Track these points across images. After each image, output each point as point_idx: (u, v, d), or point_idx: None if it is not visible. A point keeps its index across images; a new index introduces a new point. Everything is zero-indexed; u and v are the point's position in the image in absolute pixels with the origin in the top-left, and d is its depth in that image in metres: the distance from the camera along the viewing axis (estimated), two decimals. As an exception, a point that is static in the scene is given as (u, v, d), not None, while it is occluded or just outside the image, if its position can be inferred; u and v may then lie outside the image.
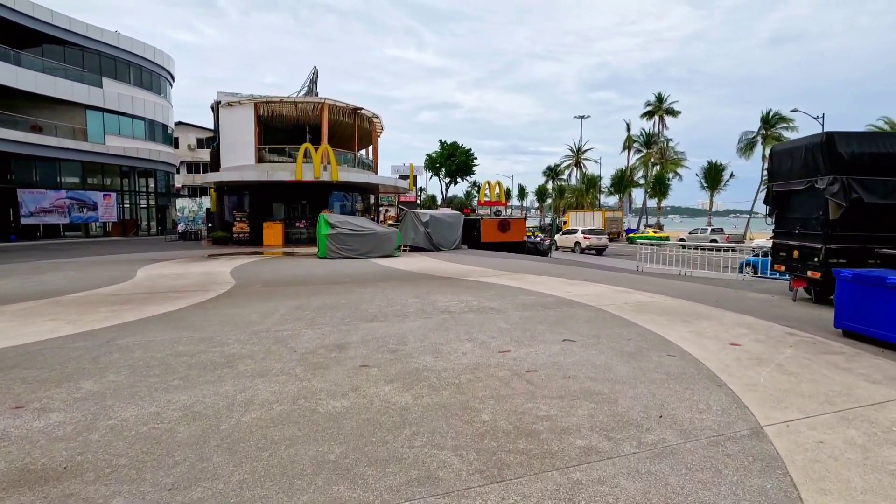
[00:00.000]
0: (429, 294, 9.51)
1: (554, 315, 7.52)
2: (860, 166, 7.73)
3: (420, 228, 20.71)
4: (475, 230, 24.61)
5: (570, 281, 11.52)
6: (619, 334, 6.34)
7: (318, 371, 4.80)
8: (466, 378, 4.60)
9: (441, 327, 6.68)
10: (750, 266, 21.22)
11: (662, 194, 54.46)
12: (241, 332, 6.38)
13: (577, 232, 33.23)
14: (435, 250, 20.91)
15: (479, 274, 12.92)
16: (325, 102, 25.86)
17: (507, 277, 12.14)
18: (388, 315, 7.50)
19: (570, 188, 73.05)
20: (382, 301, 8.73)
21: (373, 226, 18.40)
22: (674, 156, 59.89)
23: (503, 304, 8.39)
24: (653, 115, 61.21)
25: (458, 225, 22.68)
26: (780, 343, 5.96)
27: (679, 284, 11.18)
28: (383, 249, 17.89)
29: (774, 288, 10.68)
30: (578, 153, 75.97)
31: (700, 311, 7.96)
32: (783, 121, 51.69)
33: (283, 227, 24.90)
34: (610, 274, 13.38)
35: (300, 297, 9.13)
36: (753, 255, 21.56)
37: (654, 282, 11.61)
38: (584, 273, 13.28)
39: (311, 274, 12.88)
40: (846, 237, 7.88)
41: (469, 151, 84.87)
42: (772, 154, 9.27)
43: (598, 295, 9.46)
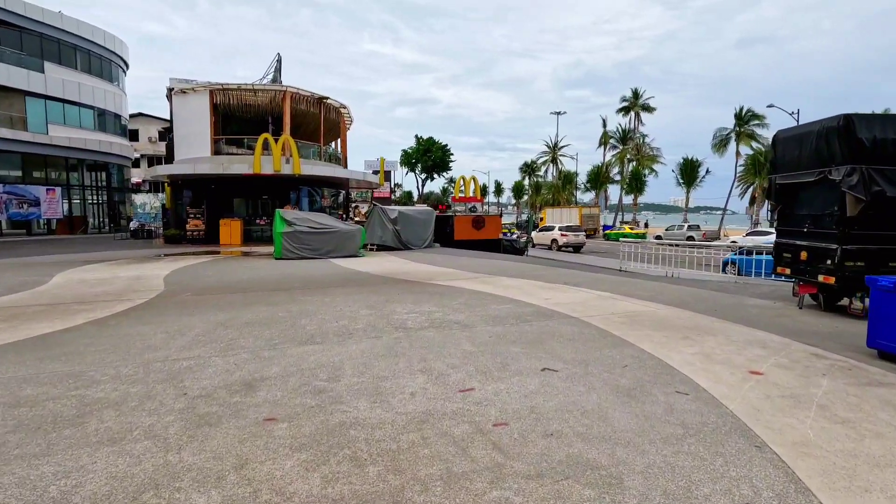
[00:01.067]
0: (386, 304, 8.13)
1: (531, 331, 6.25)
2: (883, 155, 6.69)
3: (388, 226, 19.27)
4: (448, 227, 23.29)
5: (549, 285, 10.30)
6: (612, 359, 5.09)
7: (200, 430, 3.40)
8: (409, 440, 3.27)
9: (391, 352, 5.32)
10: (733, 265, 20.50)
11: (639, 190, 54.17)
12: (127, 363, 4.89)
13: (553, 229, 32.26)
14: (404, 249, 19.51)
15: (449, 277, 11.59)
16: (286, 91, 24.10)
17: (479, 281, 10.85)
18: (328, 334, 6.10)
19: (546, 184, 72.42)
20: (328, 313, 7.31)
21: (335, 223, 16.89)
22: (649, 152, 59.72)
23: (471, 317, 7.08)
24: (628, 111, 60.88)
25: (430, 222, 21.32)
26: (808, 369, 4.81)
27: (668, 288, 10.08)
28: (346, 249, 16.40)
29: (772, 292, 9.67)
30: (555, 149, 75.38)
31: (701, 323, 6.80)
32: (756, 118, 51.90)
33: (241, 225, 23.11)
34: (591, 275, 12.23)
35: (232, 309, 7.64)
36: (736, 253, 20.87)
37: (641, 285, 10.49)
38: (564, 275, 12.10)
39: (259, 278, 11.34)
40: (864, 237, 6.83)
41: (445, 147, 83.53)
42: (776, 141, 8.19)
43: (580, 303, 8.25)
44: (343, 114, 29.49)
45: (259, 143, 21.51)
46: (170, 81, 25.26)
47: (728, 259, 20.78)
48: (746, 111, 52.18)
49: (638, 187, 53.76)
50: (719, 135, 53.77)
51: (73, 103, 31.55)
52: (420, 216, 20.82)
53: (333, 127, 30.42)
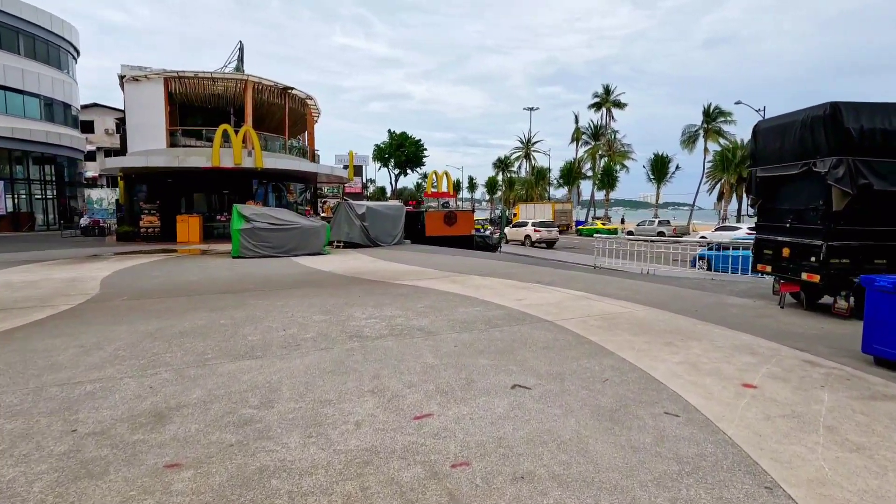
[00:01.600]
0: (344, 307, 7.41)
1: (501, 339, 5.64)
2: (871, 145, 6.33)
3: (355, 222, 18.44)
4: (419, 224, 22.58)
5: (522, 284, 9.75)
6: (590, 371, 4.52)
7: (75, 486, 2.64)
8: (344, 492, 2.60)
9: (340, 367, 4.63)
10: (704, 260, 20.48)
11: (610, 186, 54.54)
12: (16, 389, 4.06)
13: (527, 225, 31.95)
14: (373, 246, 18.72)
15: (416, 276, 10.92)
16: (248, 80, 22.89)
17: (449, 280, 10.22)
18: (271, 345, 5.36)
19: (519, 180, 72.40)
20: (277, 320, 6.55)
21: (297, 219, 15.97)
22: (621, 148, 60.24)
23: (437, 322, 6.43)
24: (600, 107, 61.23)
25: (400, 218, 20.57)
26: (804, 380, 4.35)
27: (645, 287, 9.66)
28: (310, 246, 15.52)
29: (750, 289, 9.35)
30: (528, 145, 75.40)
31: (682, 325, 6.33)
32: (723, 115, 52.84)
33: (200, 221, 21.86)
34: (565, 273, 11.75)
35: (168, 316, 6.79)
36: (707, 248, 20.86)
37: (616, 283, 10.05)
38: (537, 273, 11.58)
39: (209, 279, 10.42)
40: (851, 233, 6.48)
41: (419, 142, 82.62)
42: (756, 132, 7.80)
43: (555, 304, 7.70)
44: (310, 105, 28.37)
45: (218, 135, 20.31)
46: (121, 68, 23.63)
47: (699, 254, 20.77)
48: (714, 108, 53.06)
49: (610, 183, 54.12)
50: (688, 131, 54.59)
51: (16, 91, 29.44)
52: (389, 212, 20.05)
53: (300, 119, 29.27)
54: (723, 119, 53.04)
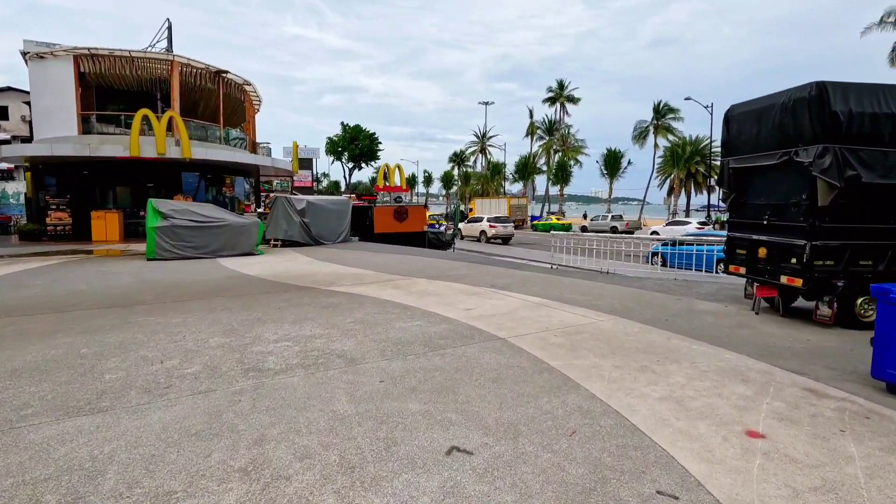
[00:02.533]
0: (255, 325, 6.05)
1: (442, 368, 4.49)
2: (858, 132, 5.60)
3: (294, 218, 16.82)
4: (367, 220, 21.17)
5: (473, 288, 8.66)
6: (552, 417, 3.45)
7: None
8: None
9: (213, 425, 3.33)
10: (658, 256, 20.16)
11: (565, 181, 54.73)
12: None
13: (482, 220, 31.10)
14: (315, 244, 17.18)
15: (355, 280, 9.62)
16: (174, 61, 20.63)
17: (391, 285, 8.99)
18: (132, 388, 3.98)
19: (475, 175, 71.86)
20: (160, 346, 5.13)
21: (225, 215, 14.22)
22: (574, 143, 60.66)
23: (364, 345, 5.21)
24: (554, 101, 61.42)
25: (346, 213, 19.08)
26: (818, 422, 3.44)
27: (606, 289, 8.78)
28: (240, 246, 13.85)
29: (718, 291, 8.65)
30: (483, 139, 74.90)
31: (655, 341, 5.40)
32: (672, 111, 54.07)
33: (120, 218, 19.56)
34: (521, 274, 10.77)
35: (16, 343, 5.22)
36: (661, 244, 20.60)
37: (576, 286, 9.14)
38: (491, 274, 10.53)
39: (102, 288, 8.72)
40: (836, 231, 5.74)
41: (373, 135, 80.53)
42: (729, 117, 6.99)
43: (509, 314, 6.64)
44: (248, 92, 26.24)
45: (136, 121, 18.09)
46: (24, 44, 20.78)
47: (653, 250, 20.46)
48: (663, 105, 54.19)
49: (564, 178, 54.29)
50: (639, 127, 55.56)
51: None
52: (333, 207, 18.52)
53: (238, 107, 27.05)
54: (672, 116, 54.29)
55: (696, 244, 18.58)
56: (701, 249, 19.43)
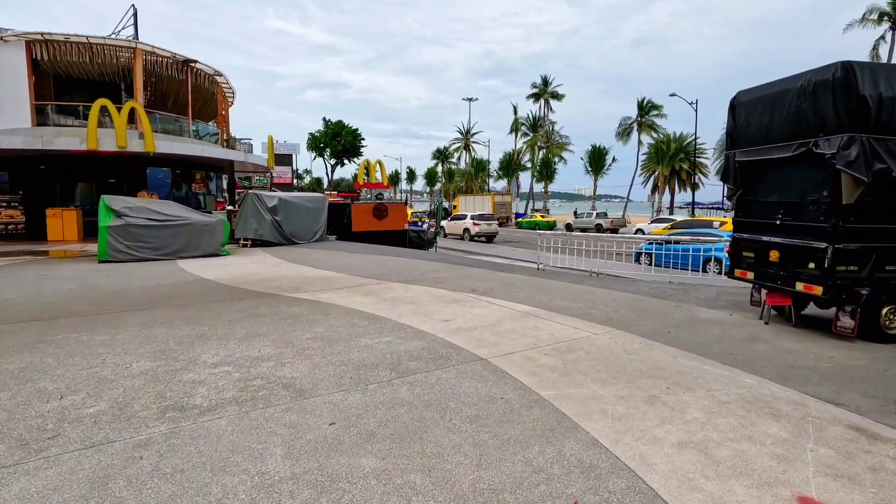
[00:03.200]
0: (194, 343, 5.15)
1: (409, 401, 3.67)
2: (888, 120, 4.92)
3: (265, 216, 15.80)
4: (345, 217, 20.23)
5: (453, 294, 7.85)
6: (547, 479, 2.65)
7: None
8: None
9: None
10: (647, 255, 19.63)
11: (549, 178, 54.25)
12: None
13: (466, 218, 30.35)
14: (288, 244, 16.20)
15: (324, 284, 8.74)
16: (136, 48, 19.35)
17: (362, 291, 8.14)
18: (6, 437, 3.07)
19: (459, 172, 71.09)
20: (68, 374, 4.21)
21: (187, 213, 13.14)
22: (559, 139, 60.23)
23: (320, 369, 4.36)
24: (538, 97, 60.85)
25: (321, 211, 18.12)
26: (881, 477, 2.71)
27: (599, 294, 8.05)
28: (203, 246, 12.83)
29: (718, 296, 7.99)
30: (467, 136, 74.12)
31: (660, 361, 4.66)
32: (655, 108, 53.94)
33: (79, 216, 18.25)
34: (505, 276, 10.00)
35: None
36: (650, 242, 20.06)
37: (565, 290, 8.40)
38: (473, 276, 9.74)
39: (33, 296, 7.69)
40: (861, 232, 5.07)
41: (356, 131, 79.24)
42: (735, 105, 6.28)
43: (492, 326, 5.85)
44: (220, 84, 25.00)
45: (94, 112, 16.83)
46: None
47: (641, 249, 19.94)
48: (647, 102, 54.01)
49: (548, 175, 53.81)
50: (624, 124, 55.33)
51: None
52: (308, 204, 17.53)
53: (209, 100, 25.79)
54: (655, 113, 54.15)
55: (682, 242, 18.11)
56: (689, 248, 18.88)
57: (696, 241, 17.79)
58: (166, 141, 18.91)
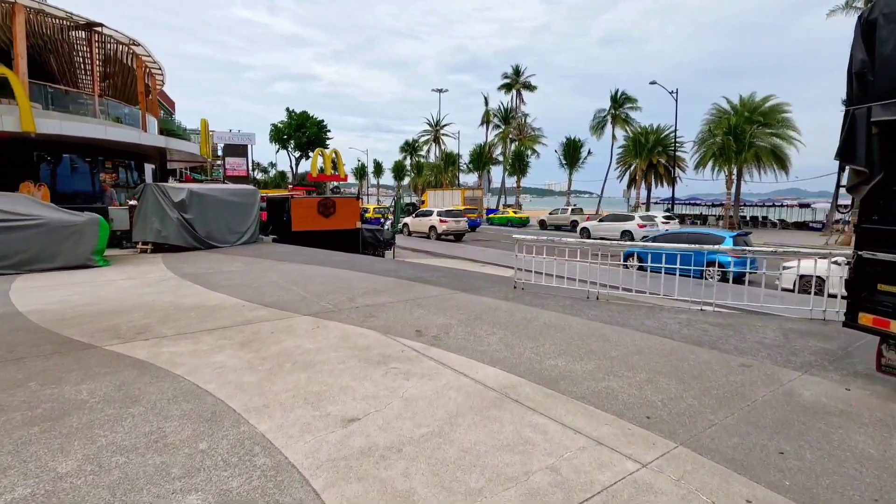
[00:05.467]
0: None
1: None
2: None
3: (170, 213, 12.44)
4: (285, 214, 16.97)
5: (383, 343, 4.91)
6: None
7: None
8: None
9: None
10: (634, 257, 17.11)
11: (522, 172, 51.79)
12: None
13: (432, 214, 27.39)
14: (203, 248, 12.90)
15: (192, 322, 5.65)
16: (16, 3, 15.50)
17: (242, 337, 5.09)
18: None
19: (428, 165, 68.00)
20: None
21: (40, 211, 9.66)
22: (531, 132, 57.88)
23: None
24: (510, 88, 58.30)
25: (251, 207, 14.84)
26: None
27: (611, 338, 5.24)
28: (64, 255, 9.47)
29: (782, 340, 5.27)
30: (437, 128, 71.06)
31: None
32: (629, 101, 52.13)
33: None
34: (470, 301, 7.11)
35: None
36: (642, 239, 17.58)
37: (558, 326, 5.57)
38: (425, 302, 6.82)
39: None
40: None
41: (321, 122, 75.24)
42: (878, 19, 3.52)
43: (436, 438, 2.94)
44: (141, 56, 21.17)
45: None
46: None
47: (628, 251, 17.42)
48: (621, 94, 52.11)
49: (521, 168, 51.33)
50: (598, 117, 53.32)
51: None
52: (232, 198, 14.21)
53: (129, 76, 21.95)
54: (630, 105, 52.32)
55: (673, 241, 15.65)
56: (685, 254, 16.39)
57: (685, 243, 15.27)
58: (50, 119, 15.20)
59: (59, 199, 17.20)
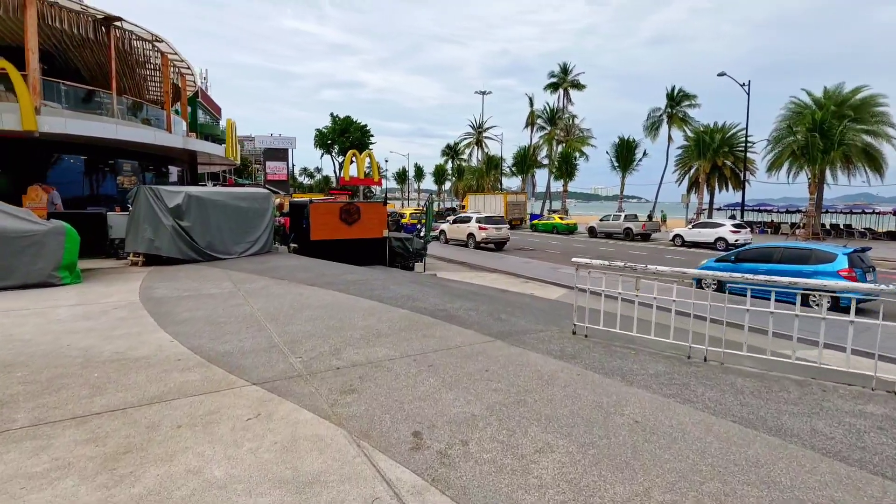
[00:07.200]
0: None
1: None
2: None
3: (164, 221, 10.81)
4: (304, 221, 15.22)
5: (351, 464, 2.73)
6: None
7: None
8: None
9: None
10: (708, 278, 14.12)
11: (569, 175, 48.68)
12: None
13: (471, 220, 25.14)
14: (203, 260, 11.23)
15: (84, 397, 3.69)
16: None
17: (141, 426, 3.04)
18: None
19: (469, 169, 65.83)
20: None
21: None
22: (579, 133, 54.62)
23: None
24: (557, 87, 55.32)
25: (263, 213, 13.13)
26: None
27: (757, 459, 2.84)
28: (20, 272, 7.88)
29: None
30: (479, 130, 68.90)
31: None
32: (687, 98, 48.13)
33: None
34: (509, 362, 4.83)
35: None
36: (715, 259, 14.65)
37: (656, 434, 3.22)
38: (439, 361, 4.62)
39: None
40: None
41: (364, 127, 74.95)
42: None
43: None
44: (166, 54, 20.14)
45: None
46: None
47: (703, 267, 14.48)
48: (678, 91, 48.20)
49: (568, 172, 48.25)
50: (652, 116, 49.55)
51: None
52: (240, 203, 12.51)
53: (152, 74, 21.03)
54: (688, 103, 48.28)
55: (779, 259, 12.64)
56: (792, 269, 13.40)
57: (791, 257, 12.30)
58: (57, 118, 14.08)
59: (70, 202, 16.23)
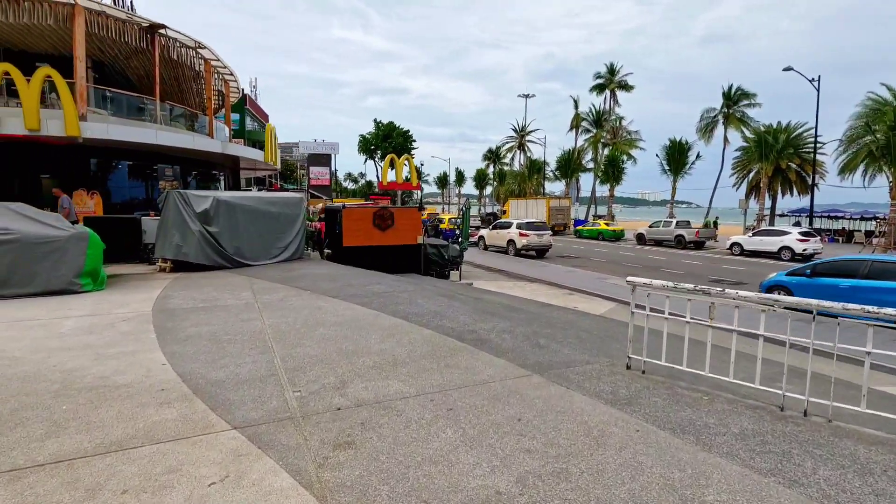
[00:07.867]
0: None
1: None
2: None
3: (192, 226, 10.54)
4: (337, 227, 14.77)
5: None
6: None
7: None
8: None
9: None
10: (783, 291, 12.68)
11: (616, 179, 46.69)
12: None
13: (511, 226, 24.16)
14: (231, 266, 10.91)
15: (37, 438, 3.12)
16: (76, 5, 14.88)
17: (83, 486, 2.41)
18: None
19: (511, 173, 64.57)
20: None
21: (14, 222, 7.95)
22: (627, 135, 52.42)
23: None
24: (603, 88, 53.39)
25: (294, 219, 12.76)
26: None
27: None
28: (42, 278, 7.67)
29: None
30: (522, 134, 67.58)
31: None
32: (746, 96, 45.22)
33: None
34: (547, 408, 3.96)
35: None
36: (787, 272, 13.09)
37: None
38: (462, 401, 3.81)
39: None
40: None
41: (407, 132, 75.45)
42: None
43: None
44: (209, 60, 20.40)
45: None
46: None
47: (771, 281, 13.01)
48: (736, 90, 45.37)
49: (615, 175, 46.28)
50: (706, 117, 46.89)
51: None
52: (270, 209, 12.16)
53: (197, 82, 21.37)
54: (746, 102, 45.35)
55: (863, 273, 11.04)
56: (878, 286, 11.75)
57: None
58: (99, 124, 14.27)
59: (114, 207, 16.54)
